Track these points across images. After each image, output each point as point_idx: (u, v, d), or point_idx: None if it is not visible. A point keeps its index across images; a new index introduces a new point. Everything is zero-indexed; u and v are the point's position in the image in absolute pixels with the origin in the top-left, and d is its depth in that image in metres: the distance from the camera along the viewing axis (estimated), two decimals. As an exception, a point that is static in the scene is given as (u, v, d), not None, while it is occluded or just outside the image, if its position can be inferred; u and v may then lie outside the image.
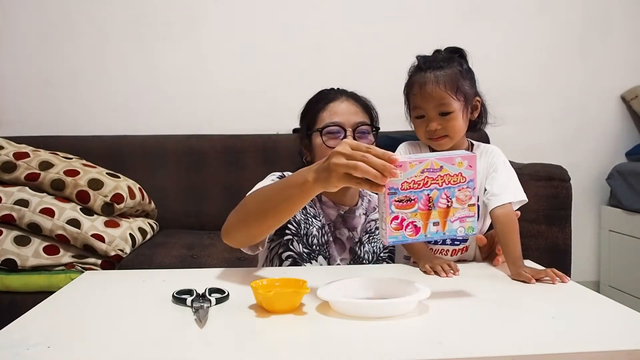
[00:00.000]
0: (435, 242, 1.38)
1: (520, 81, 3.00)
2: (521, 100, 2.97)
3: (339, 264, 1.46)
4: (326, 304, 1.01)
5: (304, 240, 1.43)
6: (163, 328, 0.96)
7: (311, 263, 1.42)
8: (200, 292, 1.07)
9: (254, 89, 2.83)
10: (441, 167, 1.05)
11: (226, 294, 1.08)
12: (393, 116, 2.79)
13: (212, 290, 1.09)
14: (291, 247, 1.43)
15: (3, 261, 2.04)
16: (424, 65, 1.34)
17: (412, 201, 1.04)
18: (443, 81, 1.31)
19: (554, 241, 2.19)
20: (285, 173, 1.51)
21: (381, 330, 0.92)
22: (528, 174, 2.22)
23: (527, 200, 1.36)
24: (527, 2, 3.00)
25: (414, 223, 1.05)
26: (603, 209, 3.07)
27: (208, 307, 1.01)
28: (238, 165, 2.64)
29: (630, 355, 0.84)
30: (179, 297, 1.06)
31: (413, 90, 1.35)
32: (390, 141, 2.63)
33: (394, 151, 1.16)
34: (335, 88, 1.55)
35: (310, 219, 1.45)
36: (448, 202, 1.06)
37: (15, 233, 2.09)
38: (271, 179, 1.45)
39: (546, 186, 2.20)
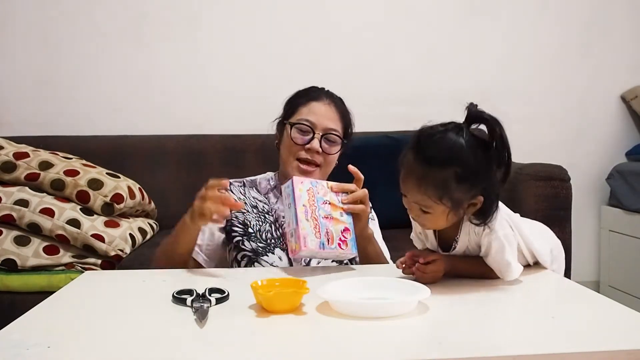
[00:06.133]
0: None
1: (520, 81, 3.00)
2: (521, 100, 2.97)
3: None
4: (326, 304, 1.01)
5: (258, 236, 1.49)
6: (163, 328, 0.96)
7: (268, 256, 1.46)
8: (200, 292, 1.07)
9: (254, 89, 2.83)
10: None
11: (226, 294, 1.08)
12: (393, 116, 2.82)
13: (212, 290, 1.09)
14: (243, 246, 1.49)
15: (3, 261, 2.03)
16: (417, 148, 1.09)
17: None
18: (425, 185, 1.09)
19: (554, 241, 2.19)
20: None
21: (381, 330, 0.92)
22: (528, 174, 2.22)
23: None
24: (527, 2, 3.00)
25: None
26: (603, 209, 3.07)
27: (208, 307, 1.01)
28: (238, 165, 2.63)
29: (630, 355, 0.84)
30: (179, 297, 1.06)
31: (401, 169, 1.13)
32: (390, 141, 2.65)
33: (395, 149, 1.13)
34: (326, 90, 1.60)
35: (262, 216, 1.53)
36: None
37: (15, 233, 2.09)
38: None
39: (546, 186, 2.20)
